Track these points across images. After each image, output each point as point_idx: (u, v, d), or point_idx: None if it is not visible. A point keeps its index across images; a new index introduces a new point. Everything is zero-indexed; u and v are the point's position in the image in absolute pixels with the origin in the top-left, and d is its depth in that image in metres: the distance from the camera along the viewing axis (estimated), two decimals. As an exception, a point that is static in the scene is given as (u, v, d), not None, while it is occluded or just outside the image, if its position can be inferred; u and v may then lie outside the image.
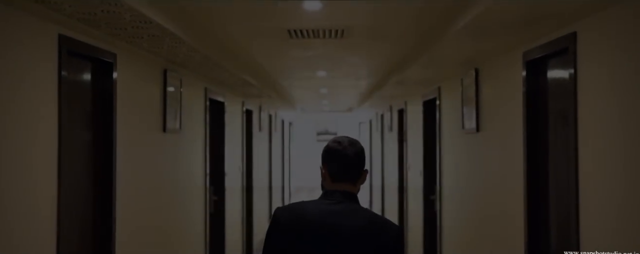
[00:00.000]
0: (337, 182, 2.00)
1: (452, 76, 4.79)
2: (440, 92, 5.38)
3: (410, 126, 7.24)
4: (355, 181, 2.02)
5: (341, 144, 2.02)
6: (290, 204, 2.04)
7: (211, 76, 5.11)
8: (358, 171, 2.01)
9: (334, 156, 2.01)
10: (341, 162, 2.00)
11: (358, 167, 2.01)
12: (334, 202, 1.96)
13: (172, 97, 4.21)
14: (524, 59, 3.04)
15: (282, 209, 2.02)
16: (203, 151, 5.33)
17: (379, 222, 1.97)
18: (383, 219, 2.02)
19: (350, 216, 1.93)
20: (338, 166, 2.00)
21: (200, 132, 5.26)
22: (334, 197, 1.98)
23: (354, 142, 2.03)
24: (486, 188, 3.86)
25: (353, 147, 2.01)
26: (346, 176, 2.00)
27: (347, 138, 2.05)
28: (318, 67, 5.62)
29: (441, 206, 5.43)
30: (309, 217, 1.94)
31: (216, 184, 6.24)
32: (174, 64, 4.17)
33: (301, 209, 1.98)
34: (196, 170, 5.12)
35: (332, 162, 2.01)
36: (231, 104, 6.71)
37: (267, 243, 1.99)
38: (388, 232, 1.92)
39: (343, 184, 2.00)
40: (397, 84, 6.07)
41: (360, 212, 1.97)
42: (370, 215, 1.98)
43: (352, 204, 1.98)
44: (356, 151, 2.01)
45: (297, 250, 1.92)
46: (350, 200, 1.99)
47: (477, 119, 3.98)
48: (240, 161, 7.39)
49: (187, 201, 4.78)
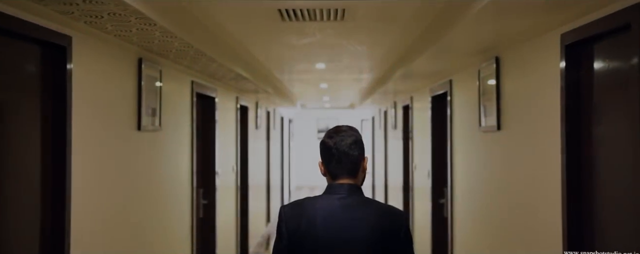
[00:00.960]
0: (337, 178, 1.99)
1: (467, 67, 4.26)
2: (452, 86, 4.85)
3: (417, 124, 6.72)
4: (355, 174, 2.00)
5: (334, 138, 1.99)
6: (296, 202, 2.02)
7: (198, 68, 4.59)
8: (355, 165, 1.99)
9: (328, 153, 2.00)
10: (337, 159, 1.98)
11: (354, 161, 1.99)
12: (341, 197, 1.96)
13: (149, 91, 3.68)
14: (563, 43, 2.51)
15: (289, 208, 1.99)
16: (189, 151, 4.81)
17: (389, 211, 2.00)
18: (390, 207, 2.04)
19: (361, 208, 1.95)
20: (334, 163, 1.99)
21: (186, 130, 4.74)
22: (340, 191, 1.97)
23: (347, 135, 1.99)
24: (510, 194, 3.33)
25: (346, 140, 1.98)
26: (344, 171, 1.98)
27: (341, 130, 2.01)
28: (316, 58, 5.09)
29: (452, 211, 4.90)
30: (320, 214, 1.93)
31: (206, 186, 5.73)
32: (151, 53, 3.65)
33: (310, 206, 1.97)
34: (181, 172, 4.60)
35: (327, 159, 2.00)
36: (223, 99, 6.19)
37: (277, 244, 1.97)
38: (398, 219, 1.97)
39: (344, 179, 1.99)
40: (402, 78, 5.54)
41: (369, 204, 1.99)
42: (378, 205, 2.01)
43: (359, 197, 1.98)
44: (350, 144, 1.98)
45: (312, 248, 1.91)
46: (356, 193, 1.98)
47: (499, 116, 3.46)
48: (234, 161, 6.88)
49: (168, 206, 4.26)
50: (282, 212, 1.99)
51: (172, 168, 4.30)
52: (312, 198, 2.02)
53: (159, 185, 4.00)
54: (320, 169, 2.04)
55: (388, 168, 10.05)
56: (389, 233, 1.92)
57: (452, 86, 4.85)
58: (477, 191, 4.10)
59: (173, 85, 4.34)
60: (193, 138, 4.86)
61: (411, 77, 5.51)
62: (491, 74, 3.57)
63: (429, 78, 5.44)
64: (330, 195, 1.97)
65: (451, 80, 4.85)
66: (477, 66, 3.92)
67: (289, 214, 1.97)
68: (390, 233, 1.92)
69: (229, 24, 3.55)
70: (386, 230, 1.92)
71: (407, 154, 7.61)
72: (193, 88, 4.86)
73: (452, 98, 4.85)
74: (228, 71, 4.80)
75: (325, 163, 2.01)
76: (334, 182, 1.99)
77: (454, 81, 4.81)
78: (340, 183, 1.98)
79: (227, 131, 6.48)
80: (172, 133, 4.28)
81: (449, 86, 4.88)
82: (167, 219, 4.21)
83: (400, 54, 4.86)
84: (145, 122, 3.61)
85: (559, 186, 2.58)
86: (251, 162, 8.04)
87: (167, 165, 4.17)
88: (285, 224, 1.96)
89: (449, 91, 4.88)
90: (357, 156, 1.99)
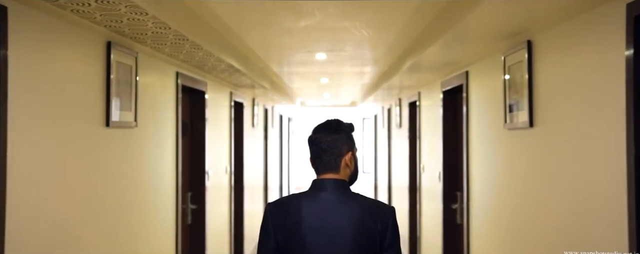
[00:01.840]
0: (321, 174, 1.99)
1: (488, 56, 3.73)
2: (468, 79, 4.32)
3: (425, 121, 6.19)
4: (337, 169, 1.98)
5: (316, 133, 2.01)
6: (282, 199, 2.02)
7: (183, 58, 4.07)
8: (336, 160, 1.97)
9: (311, 148, 2.01)
10: (318, 154, 1.99)
11: (335, 156, 1.97)
12: (325, 193, 1.94)
13: (121, 83, 3.16)
14: (631, 14, 1.97)
15: (274, 206, 1.99)
16: (173, 151, 4.28)
17: (374, 205, 1.97)
18: (376, 202, 2.01)
19: (346, 204, 1.93)
20: (316, 158, 2.00)
21: (170, 127, 4.21)
22: (324, 187, 1.95)
23: (330, 130, 1.99)
24: (549, 205, 2.80)
25: (328, 135, 1.98)
26: (325, 166, 1.98)
27: (325, 125, 2.02)
28: (317, 46, 4.56)
29: (468, 217, 4.37)
30: (305, 211, 1.92)
31: (196, 189, 5.20)
32: (122, 36, 3.12)
33: (295, 203, 1.95)
34: (163, 174, 4.07)
35: (311, 154, 2.02)
36: (215, 94, 5.67)
37: (262, 241, 1.97)
38: (384, 214, 1.94)
39: (327, 174, 1.98)
40: (411, 71, 5.01)
41: (353, 198, 1.96)
42: (364, 200, 1.98)
43: (344, 192, 1.96)
44: (330, 139, 1.98)
45: (298, 245, 1.89)
46: (340, 188, 1.96)
47: (531, 111, 2.93)
48: (227, 161, 6.35)
49: (145, 212, 3.74)
50: (267, 210, 1.98)
51: (151, 170, 3.77)
52: (298, 194, 2.01)
53: (134, 189, 3.48)
54: (311, 164, 2.04)
55: (392, 169, 9.52)
56: (375, 228, 1.90)
57: (468, 78, 4.32)
58: (500, 196, 3.57)
59: (153, 76, 3.81)
60: (178, 137, 4.33)
61: (421, 70, 4.98)
62: (521, 61, 3.05)
63: (441, 70, 4.91)
64: (315, 191, 1.96)
65: (467, 72, 4.32)
66: (501, 54, 3.39)
67: (275, 212, 1.96)
68: (376, 228, 1.90)
69: (214, 3, 3.02)
70: (372, 225, 1.90)
71: (413, 155, 7.08)
72: (178, 80, 4.34)
73: (469, 92, 4.32)
74: (217, 61, 4.28)
75: (310, 158, 2.02)
76: (318, 178, 1.99)
77: (470, 73, 4.28)
78: (324, 178, 1.97)
79: (219, 129, 5.95)
80: (151, 131, 3.76)
81: (465, 79, 4.35)
82: (144, 227, 3.69)
83: (410, 42, 4.33)
84: (116, 117, 3.08)
85: (621, 192, 2.05)
86: (247, 163, 7.52)
87: (145, 166, 3.65)
88: (271, 222, 1.96)
89: (465, 84, 4.35)
90: (337, 151, 1.97)
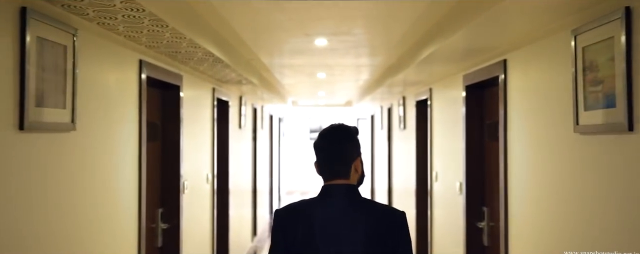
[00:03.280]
0: (331, 179, 1.97)
1: (543, 36, 2.86)
2: (507, 69, 3.45)
3: (440, 122, 5.31)
4: (348, 175, 1.97)
5: (326, 138, 1.98)
6: (291, 206, 1.99)
7: (146, 41, 3.17)
8: (347, 166, 1.97)
9: (321, 154, 1.99)
10: (329, 160, 1.97)
11: (346, 162, 1.97)
12: (337, 199, 1.93)
13: (47, 68, 2.25)
14: None
15: (285, 212, 1.97)
16: (135, 159, 3.37)
17: (387, 211, 1.97)
18: (388, 207, 2.01)
19: (358, 210, 1.92)
20: (327, 164, 1.98)
21: (129, 130, 3.30)
22: (335, 193, 1.94)
23: (340, 135, 1.98)
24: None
25: (338, 141, 1.97)
26: (336, 172, 1.97)
27: (334, 130, 1.99)
28: (316, 29, 3.65)
29: (506, 242, 3.48)
30: (318, 220, 1.90)
31: (168, 204, 4.30)
32: (48, 1, 2.22)
33: (307, 211, 1.94)
34: (118, 189, 3.16)
35: (320, 159, 1.99)
36: (194, 91, 4.77)
37: (274, 245, 1.94)
38: (397, 219, 1.93)
39: (338, 179, 1.97)
40: (424, 63, 4.15)
41: (365, 205, 1.96)
42: (376, 206, 1.98)
43: (355, 198, 1.95)
44: (339, 146, 1.97)
45: (311, 249, 1.88)
46: (352, 194, 1.96)
47: (631, 107, 2.05)
48: (209, 168, 5.44)
49: (89, 242, 2.82)
50: (277, 218, 1.96)
51: (97, 186, 2.85)
52: (308, 201, 1.99)
53: (70, 214, 2.56)
54: (316, 169, 2.01)
55: (392, 177, 8.64)
56: (388, 234, 1.89)
57: (506, 68, 3.44)
58: (564, 221, 2.69)
59: (104, 63, 2.90)
60: (141, 142, 3.42)
61: (439, 61, 4.11)
62: (609, 39, 2.17)
63: (464, 61, 4.04)
64: (326, 198, 1.95)
65: (505, 60, 3.44)
66: (567, 31, 2.51)
67: (286, 220, 1.95)
68: (388, 234, 1.89)
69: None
70: (384, 231, 1.89)
71: (423, 160, 6.20)
72: (142, 71, 3.43)
73: (507, 86, 3.44)
74: (192, 46, 3.37)
75: (319, 164, 1.99)
76: (328, 184, 1.97)
77: (510, 62, 3.40)
78: (335, 184, 1.96)
79: (199, 131, 5.05)
80: (99, 135, 2.85)
81: (502, 69, 3.47)
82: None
83: (431, 24, 3.46)
84: (37, 117, 2.17)
85: None
86: (233, 168, 6.63)
87: (87, 182, 2.73)
88: (282, 231, 1.93)
89: (502, 76, 3.47)
90: (348, 156, 1.97)
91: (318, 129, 16.11)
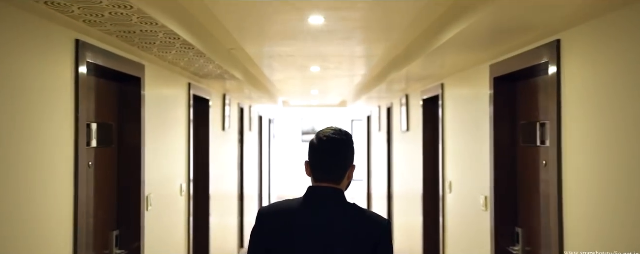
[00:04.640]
0: (320, 182, 1.95)
1: (618, 4, 2.05)
2: (560, 53, 2.63)
3: (455, 123, 4.50)
4: (339, 181, 1.95)
5: (324, 141, 1.93)
6: (275, 205, 1.97)
7: (77, 12, 2.33)
8: (341, 172, 1.94)
9: (316, 155, 1.95)
10: (323, 163, 1.94)
11: (342, 167, 1.94)
12: (322, 202, 1.91)
13: None
14: None
15: (268, 210, 1.95)
16: (69, 172, 2.53)
17: (370, 218, 1.94)
18: (372, 214, 1.98)
19: (342, 215, 1.90)
20: (321, 166, 1.94)
21: (63, 134, 2.47)
22: (321, 196, 1.92)
23: (339, 140, 1.93)
24: None
25: (336, 147, 1.93)
26: (329, 176, 1.94)
27: (333, 134, 1.94)
28: (307, 1, 2.82)
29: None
30: (299, 217, 1.89)
31: (124, 226, 3.47)
32: None
33: (289, 209, 1.92)
34: (44, 212, 2.32)
35: (314, 161, 1.96)
36: (162, 85, 3.94)
37: (253, 245, 1.92)
38: (379, 227, 1.90)
39: (328, 183, 1.94)
40: (440, 52, 3.36)
41: (349, 210, 1.92)
42: (360, 212, 1.93)
43: (340, 203, 1.92)
44: (339, 151, 1.93)
45: (289, 251, 1.86)
46: (337, 198, 1.93)
47: None
48: (184, 177, 4.61)
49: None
50: (260, 217, 1.94)
51: (9, 208, 2.01)
52: (292, 202, 1.95)
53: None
54: (306, 170, 1.97)
55: (393, 183, 7.83)
56: (369, 242, 1.86)
57: (560, 52, 2.63)
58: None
59: (13, 40, 2.07)
60: (78, 149, 2.58)
61: (458, 49, 3.31)
62: None
63: (491, 48, 3.23)
64: (313, 200, 1.92)
65: (558, 41, 2.63)
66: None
67: (267, 219, 1.92)
68: (370, 241, 1.86)
69: None
70: (366, 238, 1.87)
71: (432, 168, 5.39)
72: (79, 54, 2.59)
73: (562, 73, 2.62)
74: (146, 22, 2.54)
75: (312, 165, 1.95)
76: (315, 185, 1.95)
77: (564, 44, 2.59)
78: (322, 186, 1.93)
79: (170, 134, 4.22)
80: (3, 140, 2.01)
81: (554, 53, 2.65)
82: None
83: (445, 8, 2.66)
84: None
85: None
86: (216, 175, 5.80)
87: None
88: (261, 230, 1.91)
89: (556, 60, 2.65)
90: (345, 162, 1.94)
91: (311, 131, 15.33)
